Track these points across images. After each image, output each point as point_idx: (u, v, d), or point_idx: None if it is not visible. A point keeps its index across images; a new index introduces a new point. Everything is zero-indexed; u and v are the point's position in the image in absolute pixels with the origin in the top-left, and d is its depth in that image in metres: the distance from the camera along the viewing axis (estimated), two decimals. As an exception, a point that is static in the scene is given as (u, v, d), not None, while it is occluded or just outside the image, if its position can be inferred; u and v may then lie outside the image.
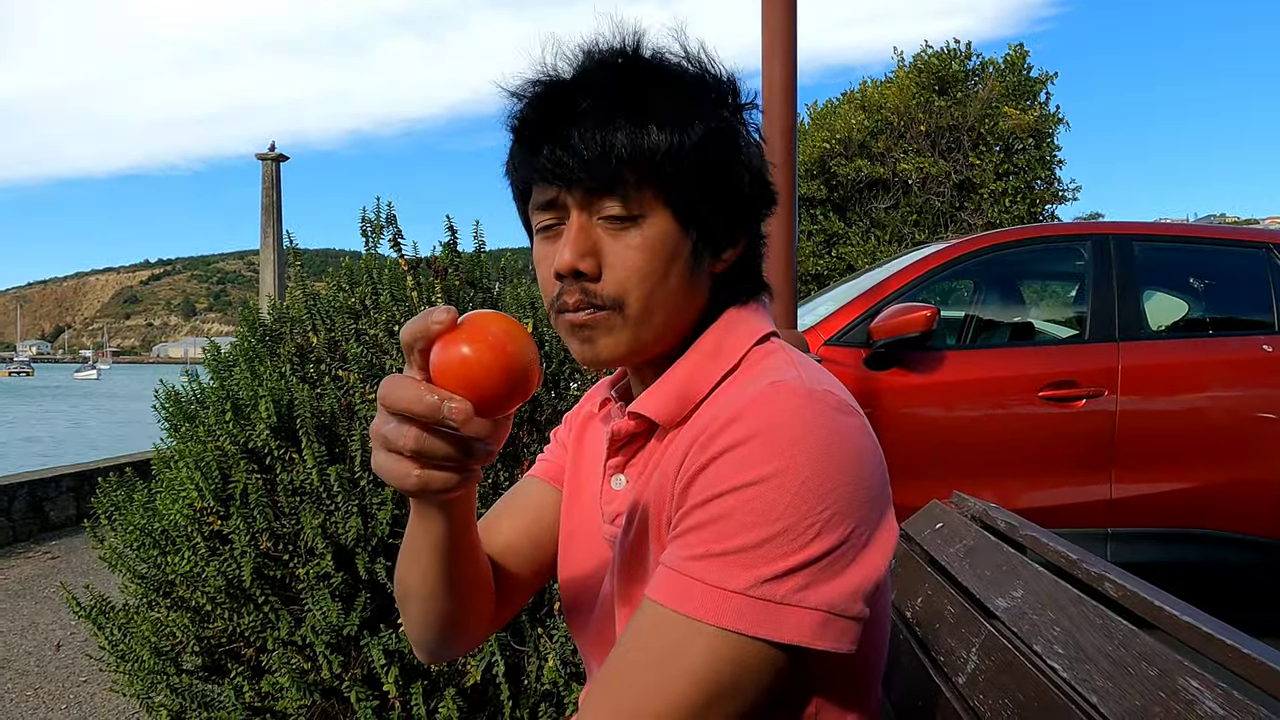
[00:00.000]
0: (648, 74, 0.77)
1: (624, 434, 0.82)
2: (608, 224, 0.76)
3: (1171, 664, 0.70)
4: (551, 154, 0.74)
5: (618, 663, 0.67)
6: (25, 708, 3.17)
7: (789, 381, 0.69)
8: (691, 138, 0.74)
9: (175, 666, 2.11)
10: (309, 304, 2.41)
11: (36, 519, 6.15)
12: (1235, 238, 4.04)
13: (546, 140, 0.75)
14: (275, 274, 14.79)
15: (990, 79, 11.41)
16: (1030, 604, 0.98)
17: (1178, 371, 3.57)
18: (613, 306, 0.76)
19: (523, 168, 0.79)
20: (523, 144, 0.78)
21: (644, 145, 0.73)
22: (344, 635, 1.95)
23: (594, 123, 0.73)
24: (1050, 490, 3.44)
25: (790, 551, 0.63)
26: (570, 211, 0.76)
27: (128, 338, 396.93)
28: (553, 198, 0.77)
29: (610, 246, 0.76)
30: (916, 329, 3.23)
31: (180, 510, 2.08)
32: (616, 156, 0.73)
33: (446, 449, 0.63)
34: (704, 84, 0.79)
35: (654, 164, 0.74)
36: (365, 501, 2.03)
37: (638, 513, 0.78)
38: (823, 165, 11.19)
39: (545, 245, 0.79)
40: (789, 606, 0.63)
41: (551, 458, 1.00)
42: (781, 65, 3.15)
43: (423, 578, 0.82)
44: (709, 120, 0.76)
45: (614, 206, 0.75)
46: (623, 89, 0.75)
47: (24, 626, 4.11)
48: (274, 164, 15.60)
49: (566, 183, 0.75)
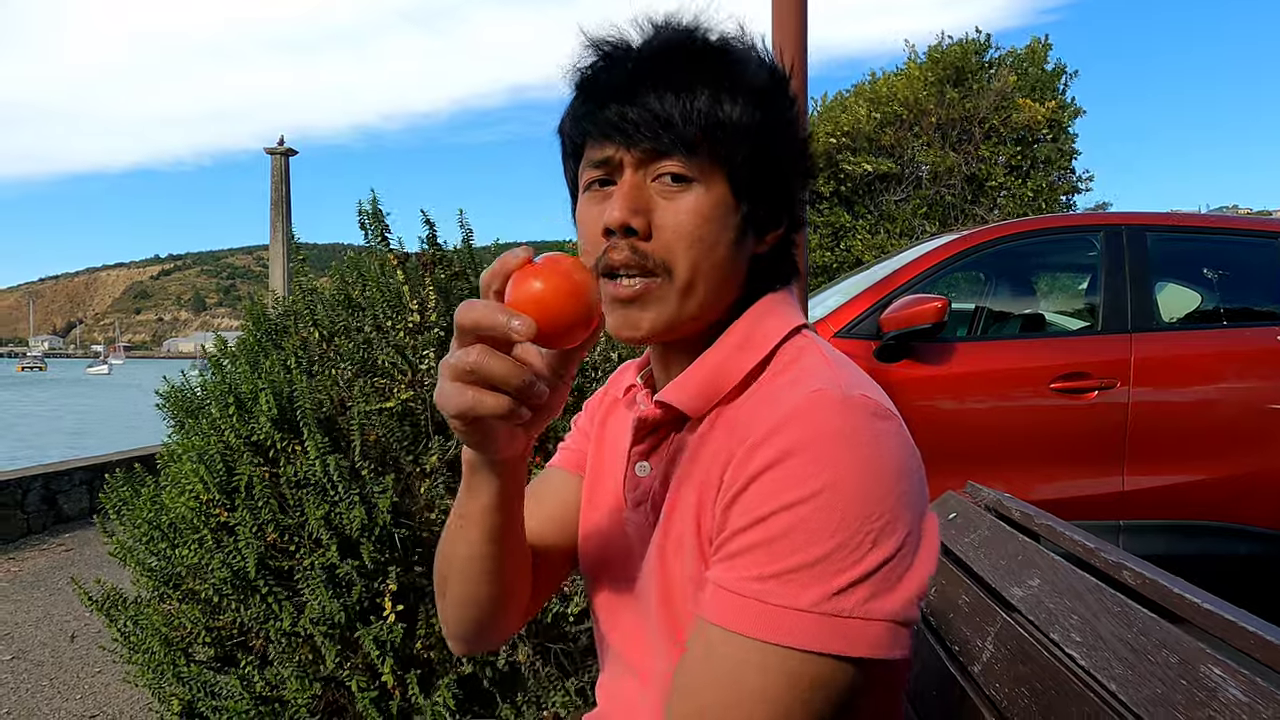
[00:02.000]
0: (719, 50, 0.79)
1: (650, 422, 0.81)
2: (663, 185, 0.76)
3: (1193, 651, 0.69)
4: (620, 110, 0.75)
5: (689, 696, 0.66)
6: (40, 698, 3.19)
7: (827, 390, 0.68)
8: (757, 115, 0.76)
9: (186, 657, 2.11)
10: (308, 300, 2.41)
11: (50, 511, 6.19)
12: (1248, 228, 4.00)
13: (615, 98, 0.75)
14: (284, 268, 14.81)
15: (1006, 71, 11.32)
16: (1047, 592, 0.97)
17: (1190, 363, 3.54)
18: (660, 271, 0.75)
19: (584, 120, 0.78)
20: (589, 99, 0.79)
21: (714, 113, 0.74)
22: (340, 625, 1.96)
23: (666, 86, 0.74)
24: (1062, 482, 3.41)
25: (851, 564, 0.62)
26: (624, 170, 0.76)
27: (138, 333, 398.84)
28: (609, 155, 0.77)
29: (663, 207, 0.76)
30: (927, 320, 3.21)
31: (187, 503, 2.08)
32: (692, 119, 0.74)
33: (504, 370, 0.65)
34: (769, 70, 0.81)
35: (719, 133, 0.75)
36: (367, 491, 2.03)
37: (676, 508, 0.77)
38: (829, 159, 11.13)
39: (592, 204, 0.79)
40: (857, 620, 0.62)
41: (573, 445, 1.00)
42: (792, 57, 3.13)
43: (470, 553, 0.82)
44: (772, 102, 0.79)
45: (673, 165, 0.75)
46: (695, 59, 0.77)
47: (39, 618, 4.14)
48: (283, 158, 15.60)
49: (629, 140, 0.75)
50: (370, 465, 2.04)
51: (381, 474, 2.05)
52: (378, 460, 2.10)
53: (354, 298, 2.39)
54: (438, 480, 2.06)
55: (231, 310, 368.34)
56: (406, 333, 2.22)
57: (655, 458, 0.82)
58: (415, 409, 2.15)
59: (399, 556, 2.03)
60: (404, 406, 2.12)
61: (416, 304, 2.23)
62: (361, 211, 2.43)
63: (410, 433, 2.12)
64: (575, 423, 1.02)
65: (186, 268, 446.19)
